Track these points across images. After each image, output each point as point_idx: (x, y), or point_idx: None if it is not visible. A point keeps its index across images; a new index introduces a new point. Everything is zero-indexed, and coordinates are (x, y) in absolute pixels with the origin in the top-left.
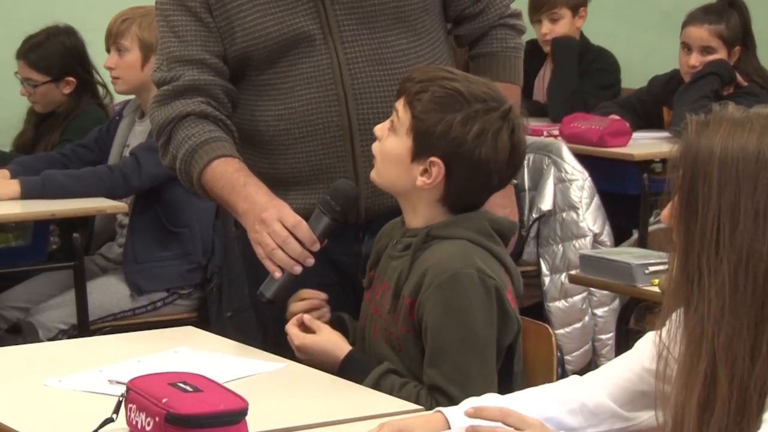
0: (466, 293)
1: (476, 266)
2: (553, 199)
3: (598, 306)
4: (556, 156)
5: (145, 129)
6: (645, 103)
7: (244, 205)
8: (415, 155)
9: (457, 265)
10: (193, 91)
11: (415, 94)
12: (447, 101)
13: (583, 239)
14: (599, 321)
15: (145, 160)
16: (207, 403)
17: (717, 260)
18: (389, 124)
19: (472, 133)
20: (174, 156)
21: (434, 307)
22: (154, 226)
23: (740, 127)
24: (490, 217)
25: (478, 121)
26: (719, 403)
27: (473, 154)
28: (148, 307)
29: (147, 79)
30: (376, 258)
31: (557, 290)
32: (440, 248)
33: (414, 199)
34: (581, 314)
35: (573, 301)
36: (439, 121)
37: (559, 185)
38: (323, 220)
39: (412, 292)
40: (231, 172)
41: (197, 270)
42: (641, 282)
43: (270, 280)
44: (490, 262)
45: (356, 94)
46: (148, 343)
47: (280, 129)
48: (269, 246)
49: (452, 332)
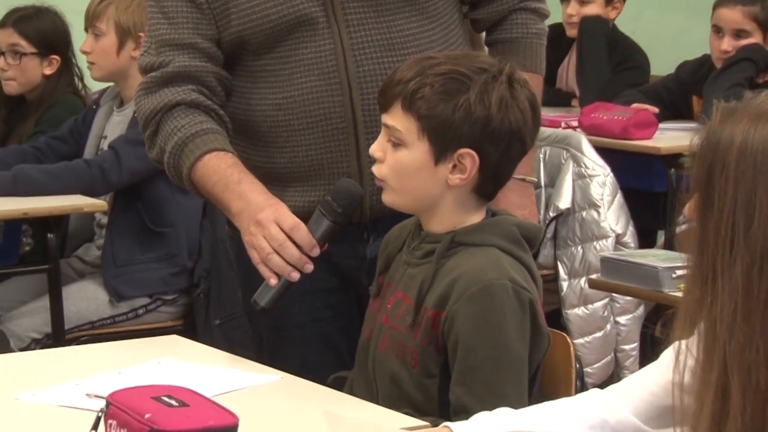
0: (501, 306)
1: (510, 276)
2: (571, 196)
3: (621, 313)
4: (575, 149)
5: (123, 119)
6: (672, 92)
7: (238, 204)
8: (439, 156)
9: (490, 276)
10: (183, 78)
11: (413, 95)
12: (451, 86)
13: (604, 240)
14: (622, 330)
15: (126, 154)
16: (194, 419)
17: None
18: (387, 144)
19: (494, 106)
20: (162, 149)
21: (465, 321)
22: (136, 226)
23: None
24: (517, 222)
25: (491, 91)
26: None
27: (503, 127)
28: (129, 314)
29: (123, 65)
30: (386, 264)
31: (576, 296)
32: (469, 256)
33: (440, 202)
34: (602, 322)
35: (593, 308)
36: (454, 109)
37: (578, 181)
38: (324, 223)
39: (437, 303)
40: (224, 167)
41: (183, 274)
42: (668, 287)
43: (265, 288)
44: (521, 272)
45: (361, 83)
46: (130, 354)
47: (278, 120)
48: (265, 250)
49: (485, 349)
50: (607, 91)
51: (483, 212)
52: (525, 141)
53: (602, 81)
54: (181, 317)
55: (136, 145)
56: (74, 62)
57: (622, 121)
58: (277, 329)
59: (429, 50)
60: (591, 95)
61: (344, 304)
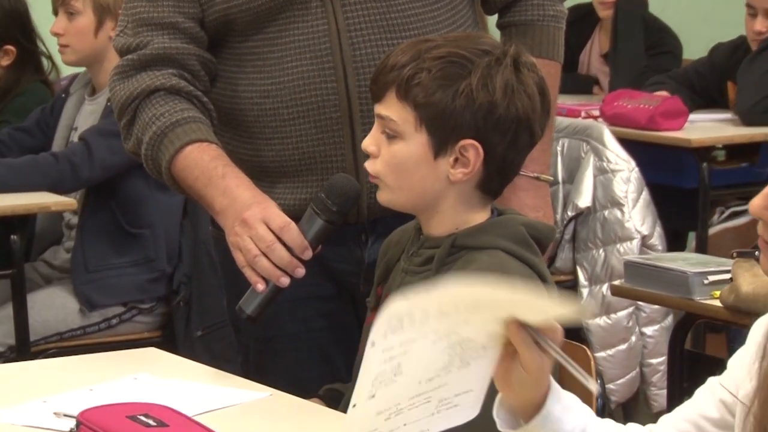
0: None
1: None
2: (592, 194)
3: (647, 324)
4: (596, 141)
5: (96, 108)
6: (705, 77)
7: (222, 201)
8: (439, 148)
9: None
10: (162, 61)
11: (408, 81)
12: (451, 70)
13: (628, 243)
14: (648, 342)
15: (98, 147)
16: None
17: None
18: (381, 136)
19: (498, 91)
20: (139, 140)
21: None
22: (109, 226)
23: None
24: (525, 222)
25: (495, 75)
26: None
27: (509, 114)
28: (102, 324)
29: (101, 47)
30: (385, 273)
31: (597, 304)
32: (472, 261)
33: (441, 201)
34: (626, 333)
35: (616, 317)
36: (454, 96)
37: (599, 177)
38: (317, 223)
39: None
40: (207, 160)
41: (160, 280)
42: (699, 294)
43: (251, 294)
44: (529, 278)
45: (358, 68)
46: (102, 368)
47: (266, 108)
48: (251, 252)
49: None
50: (643, 80)
51: (488, 211)
52: (534, 130)
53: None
54: (159, 328)
55: (110, 136)
56: (39, 47)
57: (649, 109)
58: (265, 341)
59: (434, 33)
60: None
61: (340, 313)
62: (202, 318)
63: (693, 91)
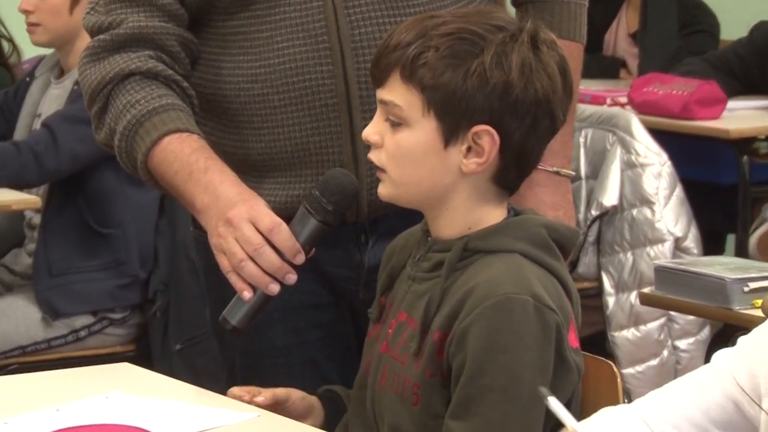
0: (517, 327)
1: (532, 291)
2: (619, 190)
3: (681, 336)
4: (623, 132)
5: (63, 92)
6: (745, 60)
7: (204, 199)
8: (449, 135)
9: (507, 288)
10: (138, 42)
11: (413, 62)
12: (461, 48)
13: (659, 245)
14: (682, 357)
15: (64, 135)
16: None
17: None
18: (385, 124)
19: (515, 70)
20: (111, 129)
21: (472, 342)
22: (75, 225)
23: None
24: (546, 222)
25: (510, 53)
26: None
27: (527, 95)
28: (69, 337)
29: (76, 27)
30: (389, 281)
31: (625, 315)
32: (485, 265)
33: (453, 196)
34: (658, 347)
35: (647, 329)
36: (466, 76)
37: (627, 172)
38: (310, 223)
39: (445, 324)
40: (188, 152)
41: (133, 286)
42: (739, 303)
43: (237, 302)
44: (550, 286)
45: (356, 48)
46: (70, 386)
47: (254, 94)
48: (236, 256)
49: (491, 377)
50: (675, 62)
51: (504, 210)
52: (555, 114)
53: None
54: (133, 341)
55: (77, 122)
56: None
57: (683, 96)
58: (253, 355)
59: (442, 9)
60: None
61: (337, 324)
62: (182, 330)
63: (732, 76)
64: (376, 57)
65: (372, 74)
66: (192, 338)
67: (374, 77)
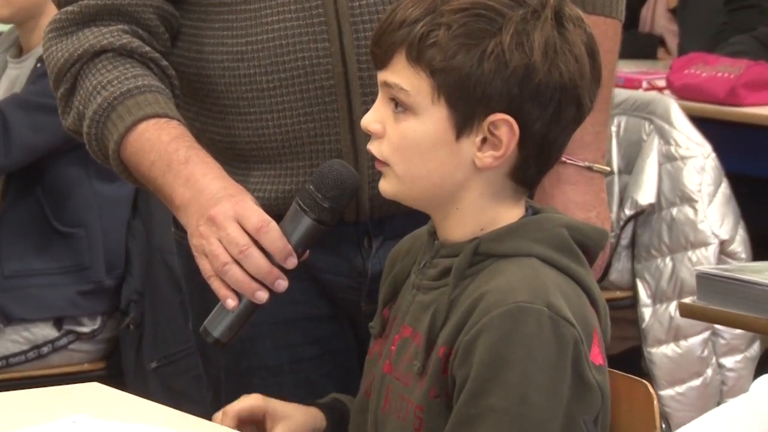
0: (528, 340)
1: (547, 301)
2: (657, 187)
3: (727, 353)
4: (661, 120)
5: (22, 73)
6: None
7: (185, 194)
8: (462, 125)
9: (520, 296)
10: (110, 14)
11: (421, 41)
12: (476, 26)
13: (702, 249)
14: (728, 376)
15: (17, 122)
16: None
17: None
18: (387, 110)
19: (537, 51)
20: (80, 114)
21: (477, 356)
22: (33, 221)
23: None
24: (568, 222)
25: (532, 32)
26: None
27: (551, 80)
28: (30, 354)
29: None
30: (393, 291)
31: (663, 328)
32: (497, 271)
33: (463, 194)
34: (700, 366)
35: (688, 345)
36: (482, 58)
37: (666, 165)
38: (303, 222)
39: (450, 338)
40: (166, 141)
41: (97, 294)
42: None
43: (220, 311)
44: (571, 294)
45: (356, 22)
46: (32, 409)
47: (240, 74)
48: (219, 259)
49: (496, 396)
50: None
51: (521, 208)
52: (582, 101)
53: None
54: (102, 358)
55: (34, 110)
56: None
57: (729, 79)
58: (240, 374)
59: None
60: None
61: (335, 340)
62: (158, 346)
63: None
64: (378, 34)
65: (373, 54)
66: (170, 355)
67: (376, 57)
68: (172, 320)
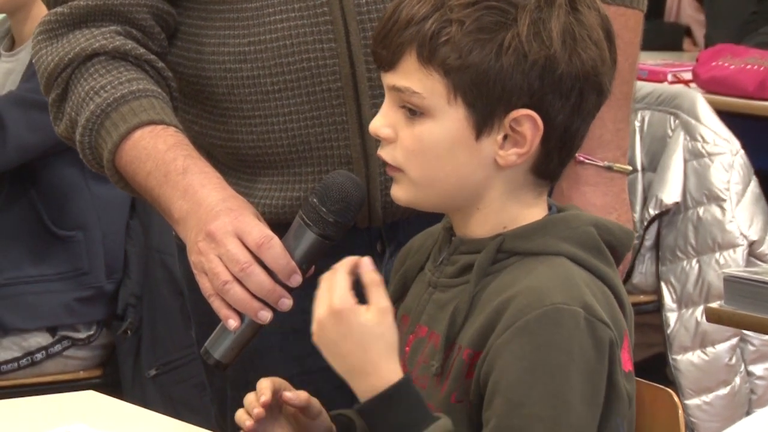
0: (567, 344)
1: (584, 302)
2: (682, 185)
3: (757, 360)
4: (687, 115)
5: (16, 67)
6: None
7: (183, 206)
8: (482, 124)
9: (555, 297)
10: (102, 15)
11: (433, 39)
12: (489, 20)
13: (731, 251)
14: (758, 385)
15: (13, 120)
16: None
17: None
18: (397, 114)
19: (556, 41)
20: (72, 121)
21: (512, 363)
22: (28, 225)
23: None
24: (595, 221)
25: (549, 20)
26: None
27: (572, 69)
28: (23, 361)
29: None
30: (403, 288)
31: (689, 334)
32: (525, 270)
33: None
34: (728, 374)
35: (715, 352)
36: (500, 52)
37: (692, 163)
38: (307, 237)
39: (476, 340)
40: (163, 149)
41: (97, 300)
42: None
43: (221, 332)
44: (601, 296)
45: (363, 21)
46: (25, 418)
47: (242, 76)
48: (220, 277)
49: (537, 404)
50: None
51: (544, 205)
52: (603, 87)
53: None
54: (99, 365)
55: (30, 107)
56: None
57: (758, 71)
58: (247, 386)
59: None
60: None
61: None
62: (157, 352)
63: None
64: (382, 34)
65: (376, 55)
66: (169, 362)
67: (380, 58)
68: (172, 325)
